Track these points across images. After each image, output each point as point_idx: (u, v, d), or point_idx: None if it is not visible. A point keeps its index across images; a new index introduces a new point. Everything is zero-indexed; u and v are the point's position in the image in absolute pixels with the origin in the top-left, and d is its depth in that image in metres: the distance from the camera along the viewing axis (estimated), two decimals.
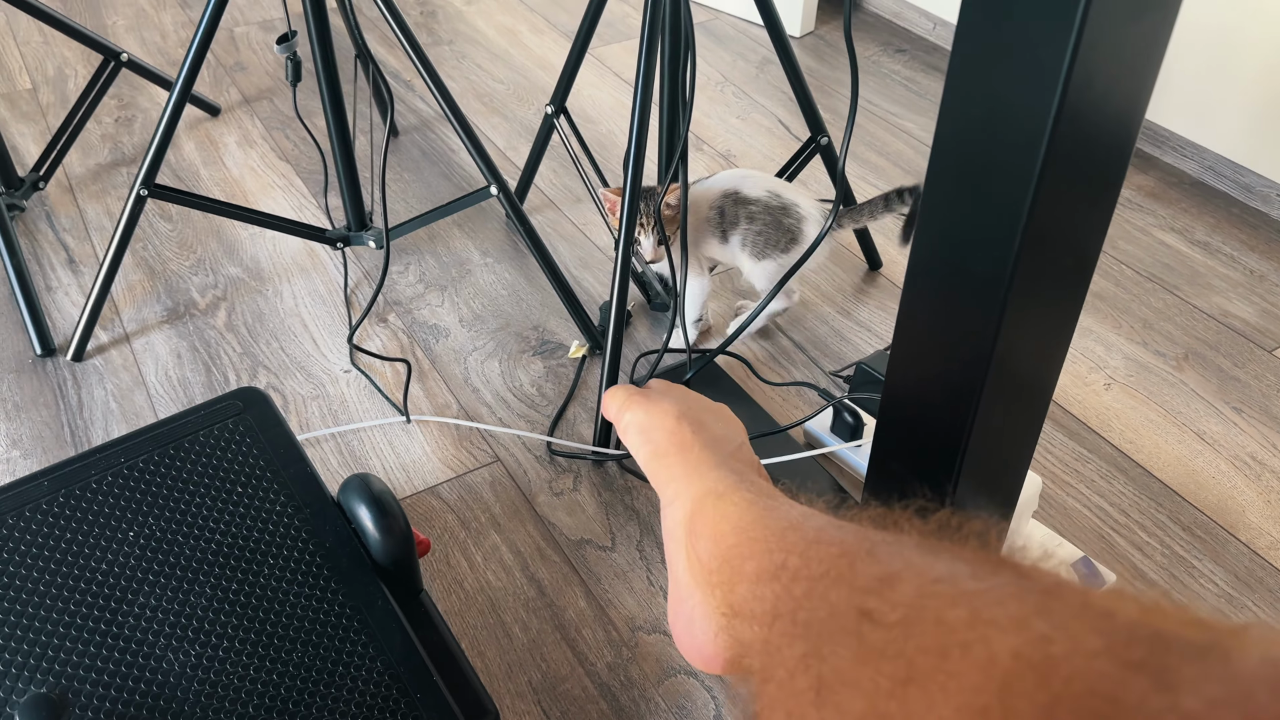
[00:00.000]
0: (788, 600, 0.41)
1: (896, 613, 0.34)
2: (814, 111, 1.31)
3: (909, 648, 0.33)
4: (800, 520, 0.49)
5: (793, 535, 0.47)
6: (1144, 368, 1.31)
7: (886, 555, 0.38)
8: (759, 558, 0.48)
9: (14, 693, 0.75)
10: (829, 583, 0.39)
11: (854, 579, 0.38)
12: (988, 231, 0.60)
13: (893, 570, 0.37)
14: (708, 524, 0.59)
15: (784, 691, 0.37)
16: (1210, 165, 1.66)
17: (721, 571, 0.52)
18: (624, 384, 0.95)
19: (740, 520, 0.54)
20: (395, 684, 0.77)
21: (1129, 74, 0.57)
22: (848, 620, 0.36)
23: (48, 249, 1.49)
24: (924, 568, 0.36)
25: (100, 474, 0.89)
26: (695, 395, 0.82)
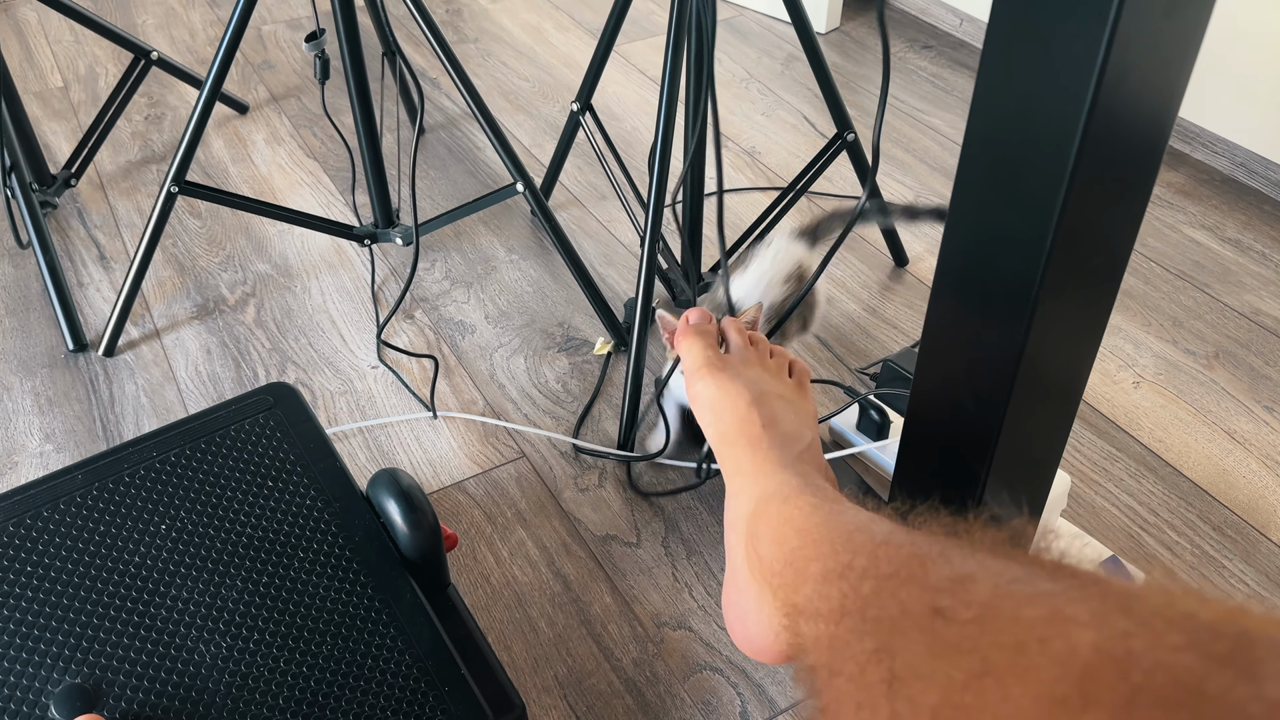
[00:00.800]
0: (855, 598, 0.42)
1: (971, 610, 0.35)
2: (840, 107, 1.31)
3: (984, 643, 0.33)
4: (867, 524, 0.50)
5: (860, 537, 0.47)
6: (1174, 366, 1.30)
7: (959, 558, 0.39)
8: (824, 559, 0.48)
9: (49, 683, 0.76)
10: (899, 582, 0.40)
11: (926, 579, 0.38)
12: (1018, 230, 0.60)
13: (966, 571, 0.37)
14: (771, 526, 0.59)
15: (854, 684, 0.37)
16: (1241, 162, 1.64)
17: (784, 573, 0.52)
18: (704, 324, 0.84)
19: (804, 524, 0.55)
20: (423, 677, 0.78)
21: (1163, 70, 0.56)
22: (920, 618, 0.36)
23: (79, 245, 1.51)
24: (999, 569, 0.36)
25: (133, 468, 0.90)
26: (771, 375, 0.81)
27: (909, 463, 0.81)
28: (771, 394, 0.77)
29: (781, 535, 0.56)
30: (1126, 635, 0.29)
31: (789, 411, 0.76)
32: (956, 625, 0.35)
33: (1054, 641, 0.31)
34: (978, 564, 0.38)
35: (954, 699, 0.32)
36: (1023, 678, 0.30)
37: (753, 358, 0.82)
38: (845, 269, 1.47)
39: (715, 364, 0.79)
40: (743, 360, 0.80)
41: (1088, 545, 1.03)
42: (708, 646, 0.98)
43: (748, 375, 0.78)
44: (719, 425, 0.75)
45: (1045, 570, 0.36)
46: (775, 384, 0.80)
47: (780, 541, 0.55)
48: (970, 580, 0.36)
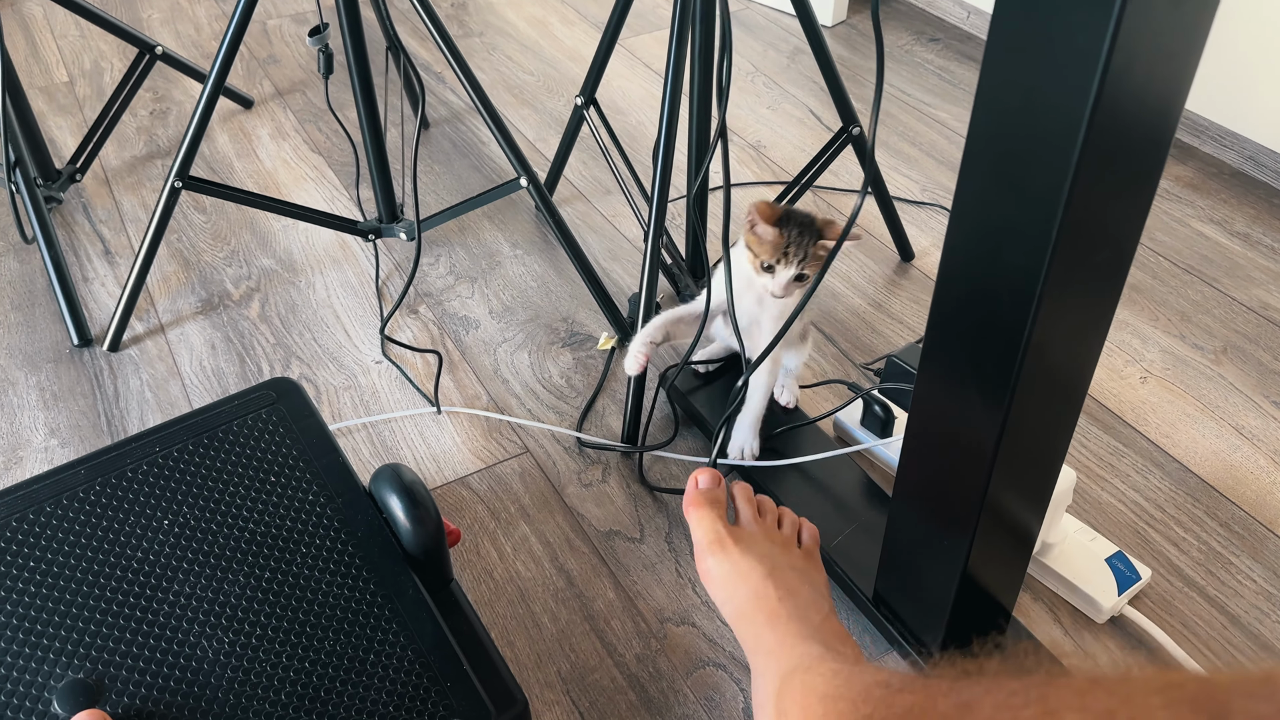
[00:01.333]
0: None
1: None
2: (845, 101, 1.30)
3: None
4: (886, 679, 0.53)
5: (878, 691, 0.51)
6: (1181, 361, 1.29)
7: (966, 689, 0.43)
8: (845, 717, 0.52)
9: (51, 677, 0.76)
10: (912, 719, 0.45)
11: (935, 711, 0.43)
12: (1023, 224, 0.60)
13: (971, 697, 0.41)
14: (796, 701, 0.62)
15: None
16: (1250, 155, 1.63)
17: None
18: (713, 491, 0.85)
19: (827, 690, 0.57)
20: (426, 672, 0.78)
21: (1168, 62, 0.56)
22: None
23: (84, 240, 1.51)
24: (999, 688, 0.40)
25: (136, 463, 0.90)
26: (780, 546, 0.83)
27: (913, 459, 0.81)
28: (784, 566, 0.79)
29: (806, 705, 0.59)
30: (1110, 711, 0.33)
31: (803, 582, 0.78)
32: None
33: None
34: (983, 689, 0.41)
35: None
36: None
37: (761, 530, 0.84)
38: (850, 263, 1.46)
39: (725, 539, 0.81)
40: (751, 533, 0.83)
41: (1094, 541, 1.02)
42: (711, 642, 0.98)
43: (759, 548, 0.80)
44: (734, 602, 0.78)
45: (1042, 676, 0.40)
46: (786, 555, 0.82)
47: (806, 711, 0.58)
48: (974, 704, 0.40)
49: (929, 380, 0.75)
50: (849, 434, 1.18)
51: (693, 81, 1.18)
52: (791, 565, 0.80)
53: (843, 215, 1.56)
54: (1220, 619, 1.00)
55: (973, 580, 0.82)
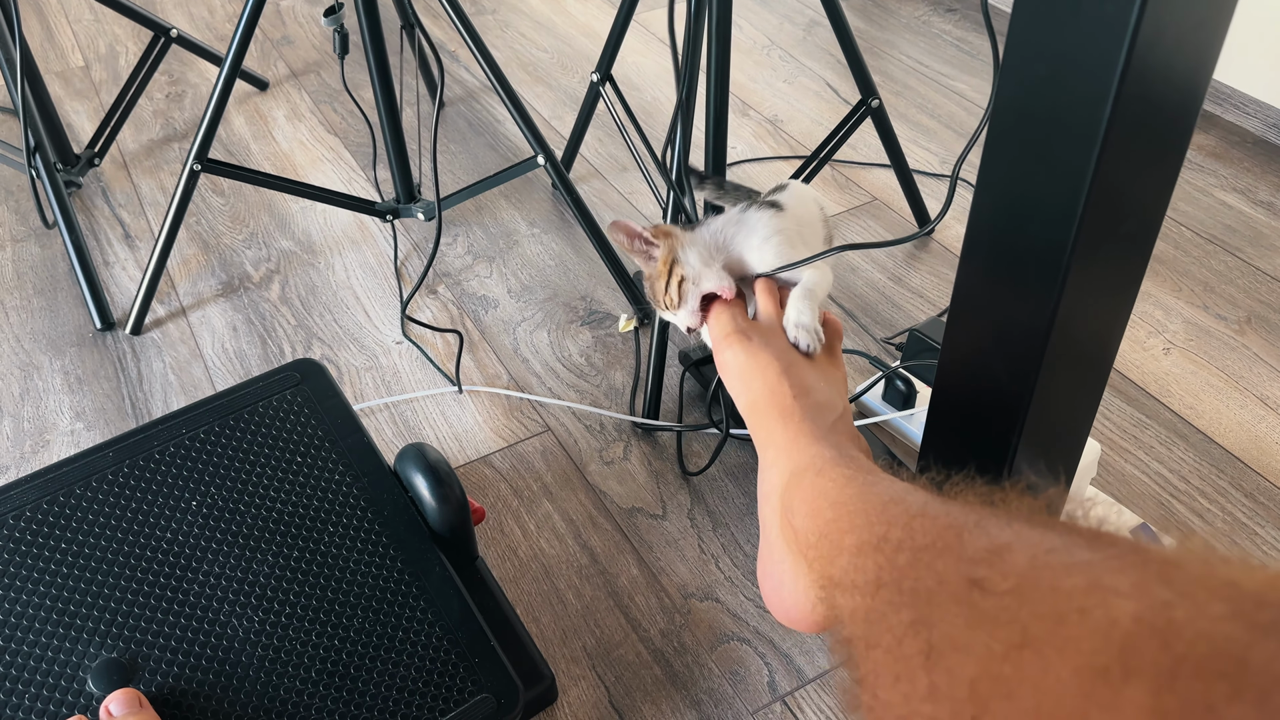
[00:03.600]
0: (891, 570, 0.42)
1: (1009, 581, 0.34)
2: (864, 73, 1.29)
3: (1023, 614, 0.33)
4: (902, 495, 0.49)
5: (895, 509, 0.47)
6: (1205, 332, 1.28)
7: (995, 528, 0.39)
8: (859, 531, 0.48)
9: (86, 657, 0.77)
10: (935, 553, 0.40)
11: (962, 550, 0.38)
12: (1049, 195, 0.59)
13: (1003, 541, 0.37)
14: (805, 499, 0.59)
15: (891, 656, 0.37)
16: (1274, 123, 1.61)
17: (819, 546, 0.52)
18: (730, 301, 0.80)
19: (839, 496, 0.54)
20: (454, 649, 0.79)
21: (1197, 29, 0.55)
22: (957, 589, 0.36)
23: (104, 225, 1.51)
24: (1036, 539, 0.36)
25: (163, 445, 0.91)
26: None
27: (937, 433, 0.80)
28: (802, 362, 0.75)
29: (816, 508, 0.56)
30: (1168, 605, 0.29)
31: (821, 380, 0.75)
32: (994, 596, 0.34)
33: (1094, 612, 0.30)
34: (1014, 534, 0.37)
35: (993, 670, 0.32)
36: (1062, 649, 0.30)
37: (780, 325, 0.80)
38: (869, 237, 1.46)
39: (744, 331, 0.77)
40: (771, 326, 0.79)
41: (1119, 513, 1.02)
42: (735, 617, 0.98)
43: (777, 343, 0.76)
44: (749, 395, 0.74)
45: (1083, 539, 0.35)
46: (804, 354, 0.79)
47: (815, 514, 0.55)
48: (1007, 550, 0.36)
49: (953, 354, 0.74)
50: (870, 408, 1.18)
51: (710, 56, 1.17)
52: (809, 363, 0.77)
53: (860, 187, 1.55)
54: None
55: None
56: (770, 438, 0.70)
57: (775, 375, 0.73)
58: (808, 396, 0.72)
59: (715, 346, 0.79)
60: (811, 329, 0.80)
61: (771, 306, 0.81)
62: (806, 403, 0.71)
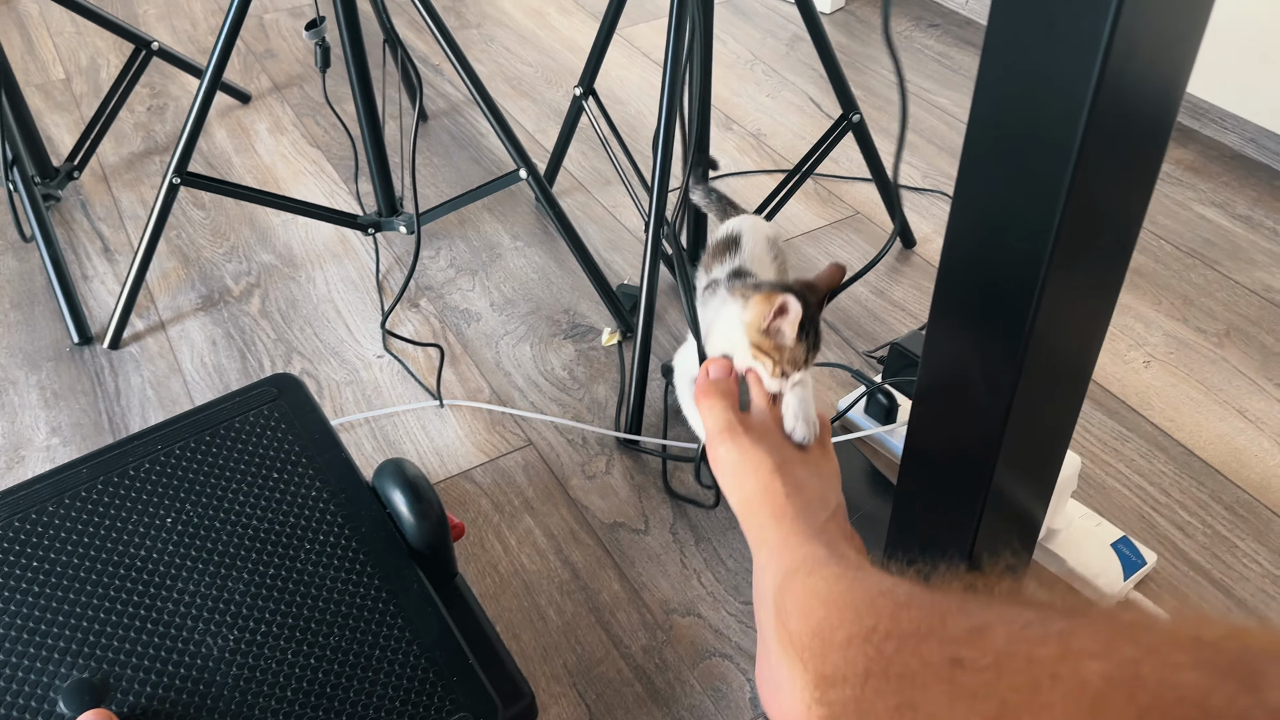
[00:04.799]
0: (879, 660, 0.43)
1: (988, 658, 0.36)
2: (845, 88, 1.30)
3: (1001, 687, 0.35)
4: (890, 587, 0.51)
5: (883, 601, 0.49)
6: (1184, 345, 1.29)
7: (977, 609, 0.41)
8: (849, 625, 0.50)
9: (57, 677, 0.76)
10: (919, 638, 0.42)
11: (945, 632, 0.40)
12: (1026, 208, 0.59)
13: (984, 622, 0.39)
14: (797, 600, 0.60)
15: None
16: (1251, 137, 1.63)
17: (812, 645, 0.53)
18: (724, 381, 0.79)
19: (829, 594, 0.56)
20: (431, 667, 0.78)
21: (1170, 46, 0.55)
22: (940, 669, 0.38)
23: (83, 238, 1.50)
24: (1014, 616, 0.38)
25: (138, 461, 0.90)
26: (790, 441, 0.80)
27: (918, 446, 0.80)
28: (795, 458, 0.76)
29: (808, 607, 0.57)
30: (1134, 662, 0.31)
31: (814, 476, 0.76)
32: (974, 673, 0.36)
33: (1066, 677, 0.32)
34: (995, 614, 0.39)
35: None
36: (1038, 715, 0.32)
37: (773, 420, 0.81)
38: (852, 251, 1.46)
39: (736, 428, 0.78)
40: (763, 422, 0.80)
41: (1099, 527, 1.02)
42: (716, 633, 0.98)
43: (770, 439, 0.77)
44: (741, 493, 0.75)
45: (1059, 612, 0.37)
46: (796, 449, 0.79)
47: (807, 614, 0.57)
48: (987, 629, 0.38)
49: (933, 368, 0.74)
50: (853, 421, 1.18)
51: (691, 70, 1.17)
52: (802, 459, 0.77)
53: (842, 200, 1.55)
54: (1226, 603, 1.00)
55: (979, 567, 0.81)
56: (764, 537, 0.72)
57: (768, 473, 0.74)
58: (800, 494, 0.73)
59: (709, 442, 0.79)
60: (811, 421, 0.80)
61: (764, 401, 0.82)
62: (799, 501, 0.72)
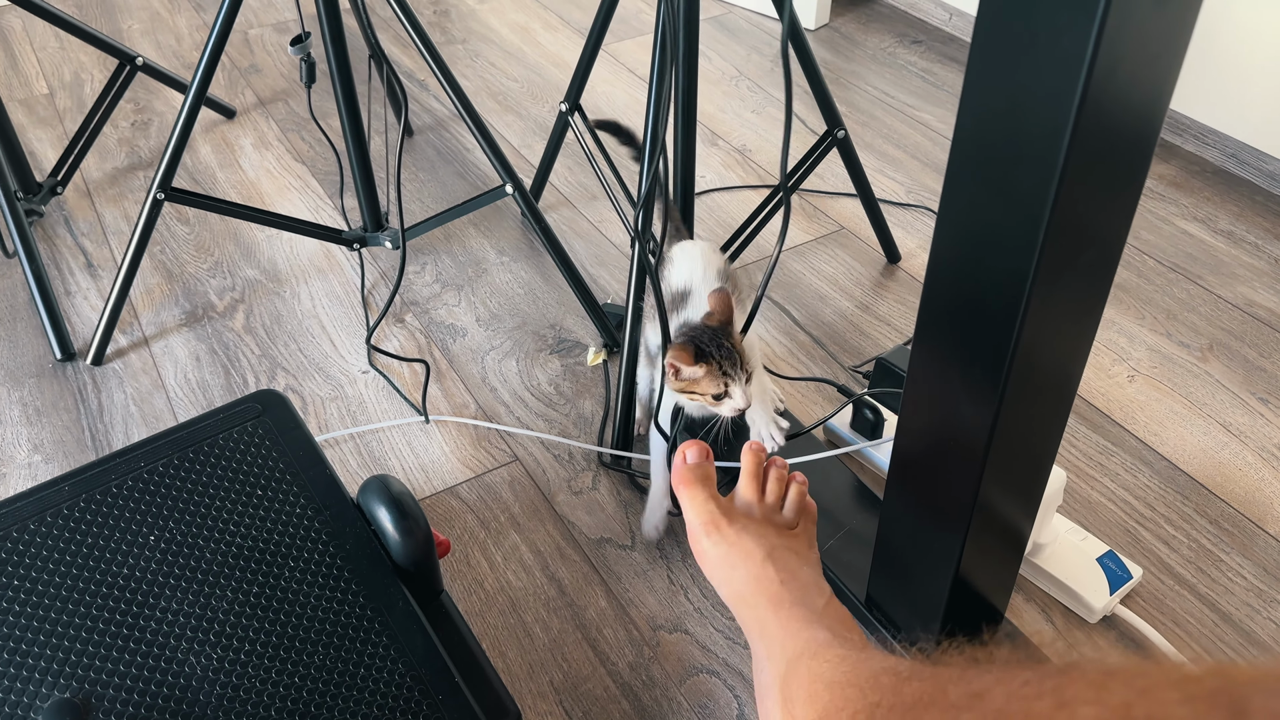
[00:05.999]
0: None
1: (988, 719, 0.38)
2: (830, 105, 1.30)
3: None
4: (893, 665, 0.52)
5: (886, 677, 0.50)
6: (1168, 359, 1.30)
7: (976, 677, 0.42)
8: (854, 704, 0.51)
9: (38, 697, 0.75)
10: (922, 708, 0.43)
11: (945, 700, 0.42)
12: (1010, 225, 0.60)
13: (983, 686, 0.40)
14: (803, 687, 0.60)
15: None
16: (1233, 153, 1.64)
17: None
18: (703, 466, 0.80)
19: (833, 676, 0.57)
20: (417, 685, 0.77)
21: (1152, 63, 0.56)
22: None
23: (66, 254, 1.50)
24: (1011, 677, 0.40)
25: (120, 478, 0.89)
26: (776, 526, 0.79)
27: (904, 461, 0.81)
28: (781, 547, 0.75)
29: (813, 692, 0.58)
30: (1126, 705, 0.32)
31: (802, 565, 0.75)
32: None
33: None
34: (994, 679, 0.41)
35: None
36: None
37: (757, 508, 0.80)
38: (837, 266, 1.46)
39: (720, 520, 0.76)
40: (748, 511, 0.79)
41: (1085, 541, 1.02)
42: (704, 649, 0.97)
43: (754, 529, 0.76)
44: (731, 585, 0.74)
45: (1055, 668, 0.39)
46: (782, 535, 0.78)
47: (813, 699, 0.57)
48: (986, 694, 0.40)
49: (918, 383, 0.74)
50: (839, 437, 1.18)
51: (676, 86, 1.17)
52: (789, 546, 0.76)
53: (828, 216, 1.56)
54: (1212, 616, 1.00)
55: (965, 582, 0.81)
56: (763, 628, 0.71)
57: (759, 562, 0.73)
58: (795, 580, 0.73)
59: (692, 535, 0.78)
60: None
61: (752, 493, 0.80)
62: (795, 587, 0.72)
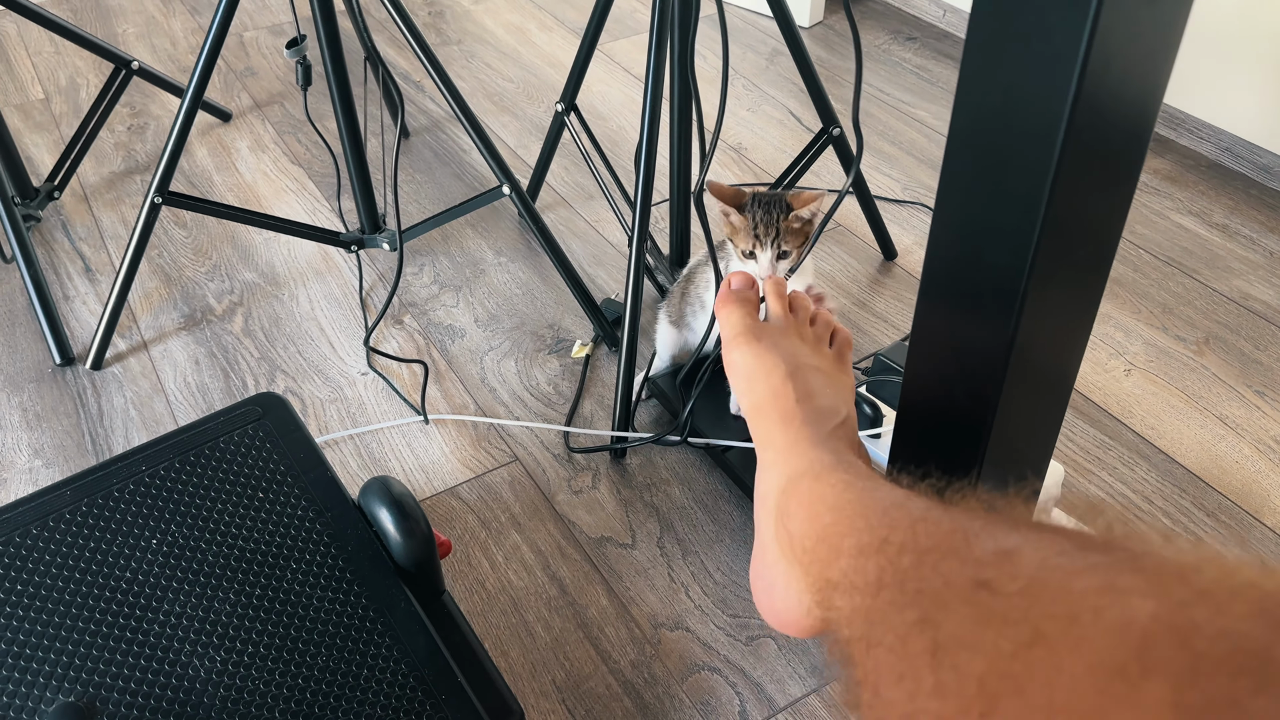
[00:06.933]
0: (894, 572, 0.41)
1: (1018, 583, 0.34)
2: (825, 102, 1.31)
3: (1034, 613, 0.32)
4: (903, 500, 0.48)
5: (896, 513, 0.46)
6: (1164, 353, 1.30)
7: (1001, 532, 0.38)
8: (859, 534, 0.47)
9: (42, 701, 0.75)
10: (940, 555, 0.39)
11: (968, 552, 0.37)
12: (1006, 221, 0.60)
13: (1011, 545, 0.36)
14: (802, 504, 0.58)
15: (895, 655, 0.37)
16: (1227, 147, 1.65)
17: (816, 550, 0.51)
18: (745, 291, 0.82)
19: (837, 500, 0.54)
20: (420, 686, 0.78)
21: (1146, 58, 0.56)
22: (964, 590, 0.36)
23: (64, 259, 1.50)
24: (1044, 542, 0.35)
25: (122, 482, 0.89)
26: (810, 346, 0.78)
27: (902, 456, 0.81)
28: (808, 366, 0.75)
29: (814, 512, 0.55)
30: (1186, 605, 0.29)
31: (826, 385, 0.74)
32: (1003, 597, 0.34)
33: (1109, 611, 0.30)
34: (1022, 537, 0.36)
35: (1002, 668, 0.32)
36: (1076, 647, 0.30)
37: (791, 327, 0.79)
38: (834, 263, 1.47)
39: (753, 332, 0.77)
40: (781, 330, 0.78)
41: None
42: (705, 646, 0.98)
43: (786, 346, 0.76)
44: (753, 396, 0.74)
45: (1095, 543, 0.34)
46: (814, 356, 0.77)
47: (812, 519, 0.54)
48: (1015, 553, 0.35)
49: (915, 378, 0.75)
50: None
51: (672, 85, 1.18)
52: (817, 366, 0.75)
53: None
54: None
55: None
56: (770, 439, 0.70)
57: (781, 378, 0.73)
58: (811, 401, 0.72)
59: (725, 345, 0.79)
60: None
61: (780, 308, 0.81)
62: (809, 407, 0.71)
